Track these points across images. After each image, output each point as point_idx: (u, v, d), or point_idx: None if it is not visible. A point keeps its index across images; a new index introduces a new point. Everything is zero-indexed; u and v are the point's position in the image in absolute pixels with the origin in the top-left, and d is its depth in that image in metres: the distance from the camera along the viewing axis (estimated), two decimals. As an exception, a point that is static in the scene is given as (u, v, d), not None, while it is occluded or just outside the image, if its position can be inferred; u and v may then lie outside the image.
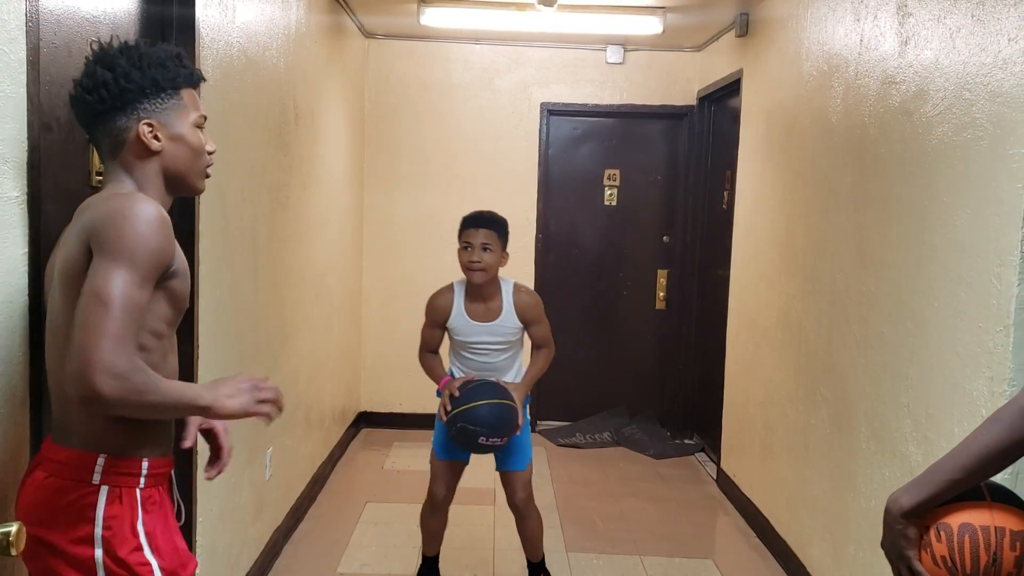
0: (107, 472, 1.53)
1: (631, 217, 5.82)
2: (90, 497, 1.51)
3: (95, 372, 1.35)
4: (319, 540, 3.92)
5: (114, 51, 1.60)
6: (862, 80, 3.06)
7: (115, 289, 1.41)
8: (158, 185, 1.63)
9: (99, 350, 1.36)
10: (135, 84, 1.58)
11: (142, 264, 1.45)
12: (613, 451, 5.45)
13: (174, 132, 1.63)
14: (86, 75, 1.58)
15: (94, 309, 1.40)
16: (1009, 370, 2.16)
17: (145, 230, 1.47)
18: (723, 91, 5.08)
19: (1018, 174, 2.12)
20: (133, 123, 1.59)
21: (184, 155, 1.65)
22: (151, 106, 1.60)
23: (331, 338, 4.77)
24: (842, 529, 3.14)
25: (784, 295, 3.84)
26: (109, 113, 1.58)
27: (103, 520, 1.51)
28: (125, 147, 1.60)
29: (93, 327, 1.38)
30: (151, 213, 1.49)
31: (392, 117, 5.62)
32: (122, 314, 1.40)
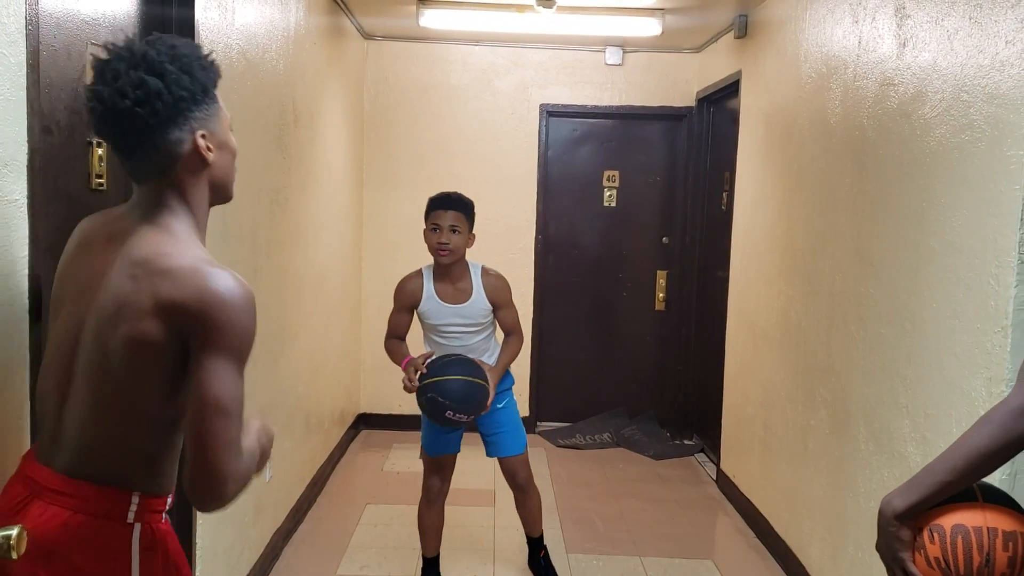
0: (141, 510, 1.47)
1: (630, 218, 5.82)
2: (126, 537, 1.45)
3: (226, 484, 1.38)
4: (319, 542, 3.92)
5: (154, 53, 1.41)
6: (860, 82, 3.07)
7: (233, 397, 1.37)
8: (205, 201, 1.53)
9: (227, 464, 1.37)
10: (188, 91, 1.42)
11: (246, 356, 1.41)
12: (613, 452, 5.46)
13: (220, 139, 1.51)
14: (132, 85, 1.38)
15: (219, 421, 1.35)
16: (1007, 371, 2.16)
17: (250, 324, 1.41)
18: (722, 92, 5.09)
19: (1016, 175, 2.13)
20: (187, 135, 1.44)
21: (228, 162, 1.55)
22: (201, 114, 1.46)
23: (331, 340, 4.77)
24: (841, 529, 3.15)
25: (783, 296, 3.85)
26: (161, 127, 1.41)
27: (139, 557, 1.46)
28: (178, 163, 1.45)
29: (219, 439, 1.35)
30: (250, 300, 1.42)
31: (391, 118, 5.62)
32: (238, 420, 1.39)
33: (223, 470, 1.36)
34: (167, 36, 1.47)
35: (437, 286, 3.28)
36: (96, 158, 2.11)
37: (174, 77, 1.40)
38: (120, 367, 1.40)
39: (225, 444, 1.36)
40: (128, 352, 1.39)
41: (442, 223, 3.21)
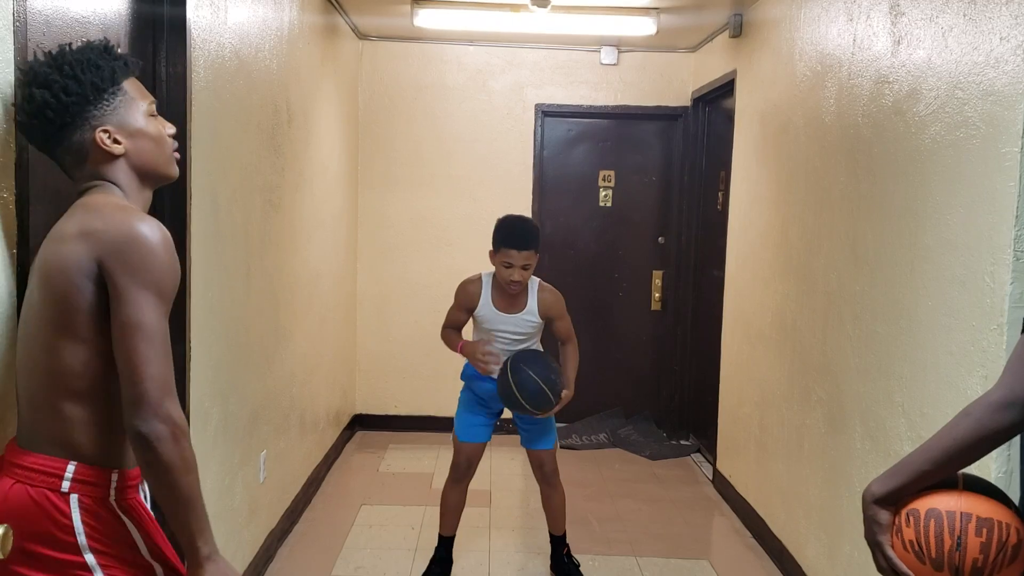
0: (76, 480, 1.50)
1: (626, 218, 5.81)
2: (62, 505, 1.48)
3: (157, 417, 1.42)
4: (314, 543, 3.91)
5: (43, 66, 1.53)
6: (855, 80, 3.06)
7: (155, 323, 1.45)
8: (134, 184, 1.61)
9: (159, 393, 1.43)
10: (76, 95, 1.52)
11: (168, 295, 1.49)
12: (609, 452, 5.45)
13: (132, 128, 1.59)
14: (25, 100, 1.53)
15: (143, 343, 1.43)
16: (1002, 368, 2.15)
17: (168, 259, 1.49)
18: (717, 92, 5.08)
19: (1010, 172, 2.12)
20: (88, 133, 1.55)
21: (148, 148, 1.62)
22: (99, 111, 1.55)
23: (326, 340, 4.76)
24: (837, 529, 3.14)
25: (778, 295, 3.84)
26: (61, 132, 1.54)
27: (84, 528, 1.48)
28: (89, 158, 1.57)
29: (143, 359, 1.43)
30: (167, 239, 1.50)
31: (386, 118, 5.61)
32: (164, 352, 1.45)
33: (150, 392, 1.42)
34: (68, 45, 1.57)
35: (495, 296, 3.41)
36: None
37: (59, 85, 1.51)
38: (42, 305, 1.49)
39: (149, 365, 1.42)
40: (47, 283, 1.48)
41: (515, 262, 3.28)
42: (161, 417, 1.43)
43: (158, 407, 1.43)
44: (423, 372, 5.72)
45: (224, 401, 2.98)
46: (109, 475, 1.54)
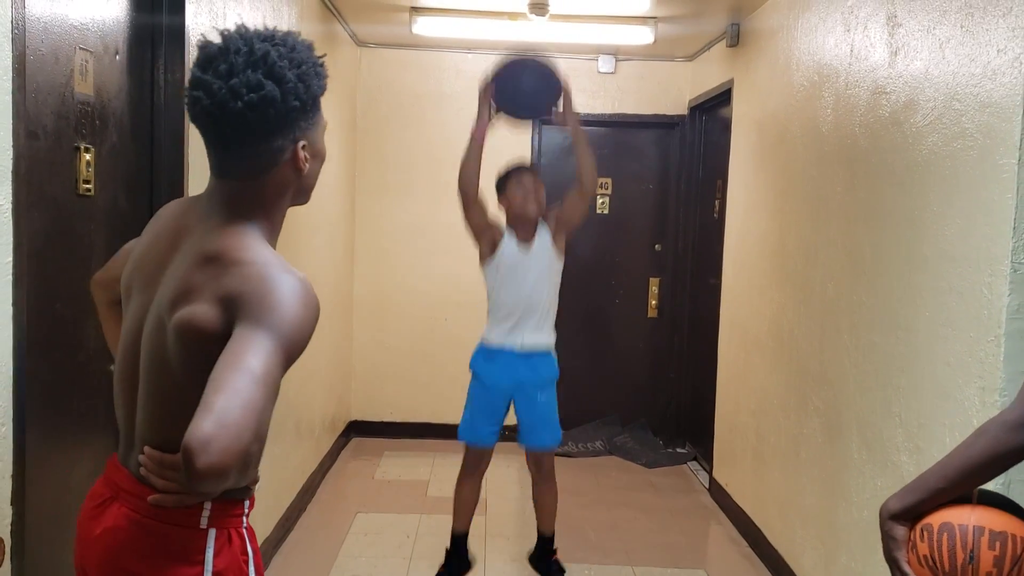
0: (215, 515, 1.41)
1: (623, 225, 5.82)
2: (198, 542, 1.40)
3: (231, 450, 1.12)
4: (309, 551, 3.89)
5: (276, 55, 1.32)
6: (852, 90, 3.07)
7: (269, 370, 1.20)
8: (285, 205, 1.46)
9: (241, 426, 1.13)
10: (301, 102, 1.35)
11: (292, 348, 1.27)
12: (605, 460, 5.44)
13: (317, 148, 1.45)
14: (247, 87, 1.29)
15: (238, 374, 1.17)
16: (1000, 380, 2.16)
17: (304, 309, 1.30)
18: (714, 101, 5.09)
19: (1008, 184, 2.13)
20: (290, 144, 1.37)
21: (317, 172, 1.49)
22: (306, 123, 1.39)
23: (321, 346, 4.75)
24: (834, 538, 3.13)
25: (775, 304, 3.84)
26: (267, 134, 1.34)
27: (212, 564, 1.40)
28: (273, 170, 1.38)
29: (235, 394, 1.15)
30: (312, 293, 1.33)
31: (384, 125, 5.61)
32: (265, 395, 1.18)
33: (238, 433, 1.12)
34: (285, 34, 1.40)
35: (516, 233, 3.48)
36: (83, 163, 2.09)
37: (291, 86, 1.33)
38: (176, 358, 1.33)
39: (251, 410, 1.15)
40: (181, 339, 1.31)
41: (526, 181, 3.41)
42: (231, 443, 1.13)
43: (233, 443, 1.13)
44: (419, 379, 5.71)
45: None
46: (243, 505, 1.49)
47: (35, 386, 1.82)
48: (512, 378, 3.50)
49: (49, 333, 1.92)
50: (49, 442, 1.93)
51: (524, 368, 3.50)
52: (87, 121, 2.12)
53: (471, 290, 5.62)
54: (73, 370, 2.07)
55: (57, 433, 1.98)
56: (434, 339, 5.70)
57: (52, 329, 1.94)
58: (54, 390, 1.97)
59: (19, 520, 1.75)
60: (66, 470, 2.06)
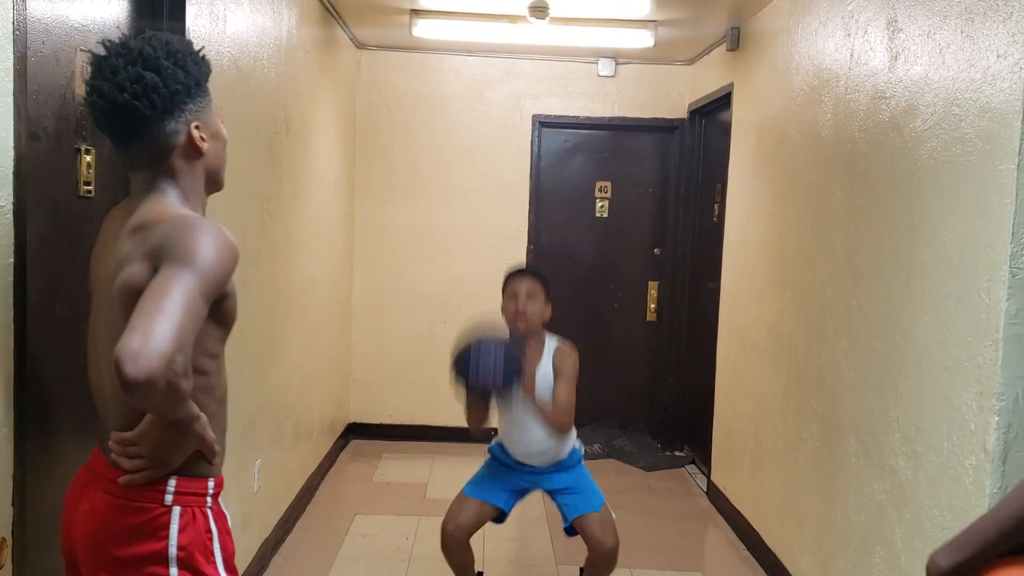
0: (179, 493, 1.51)
1: (622, 229, 5.82)
2: (163, 518, 1.49)
3: (155, 357, 1.24)
4: (308, 552, 3.89)
5: (150, 49, 1.48)
6: (852, 95, 3.07)
7: (188, 294, 1.33)
8: (200, 188, 1.60)
9: (164, 336, 1.26)
10: (182, 85, 1.51)
11: (210, 279, 1.38)
12: (603, 463, 5.44)
13: (212, 129, 1.60)
14: (129, 79, 1.46)
15: (160, 298, 1.30)
16: (998, 385, 2.16)
17: (218, 249, 1.42)
18: (714, 105, 5.10)
19: (1007, 189, 2.13)
20: (182, 127, 1.53)
21: (220, 152, 1.63)
22: (195, 106, 1.55)
23: (320, 349, 4.75)
24: (831, 543, 3.14)
25: (774, 308, 3.84)
26: (158, 119, 1.50)
27: (177, 539, 1.49)
28: (174, 153, 1.54)
29: (158, 313, 1.28)
30: (222, 233, 1.45)
31: (384, 128, 5.62)
32: (185, 313, 1.31)
33: (158, 341, 1.25)
34: (160, 33, 1.55)
35: None
36: (84, 165, 2.09)
37: (170, 72, 1.48)
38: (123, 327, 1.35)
39: (167, 320, 1.27)
40: (123, 305, 1.41)
41: (519, 290, 3.13)
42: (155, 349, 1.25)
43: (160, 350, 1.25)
44: (418, 381, 5.71)
45: (219, 410, 2.96)
46: (207, 484, 1.56)
47: (35, 387, 1.82)
48: (533, 474, 3.19)
49: (49, 335, 1.92)
50: (49, 444, 1.93)
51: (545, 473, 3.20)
52: (88, 123, 2.12)
53: (470, 293, 5.64)
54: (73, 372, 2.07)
55: (57, 435, 1.98)
56: (433, 342, 5.70)
57: (52, 331, 1.94)
58: (54, 392, 1.97)
59: (19, 521, 1.75)
60: (66, 471, 2.06)
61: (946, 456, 2.38)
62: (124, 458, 1.48)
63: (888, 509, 2.71)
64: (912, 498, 2.55)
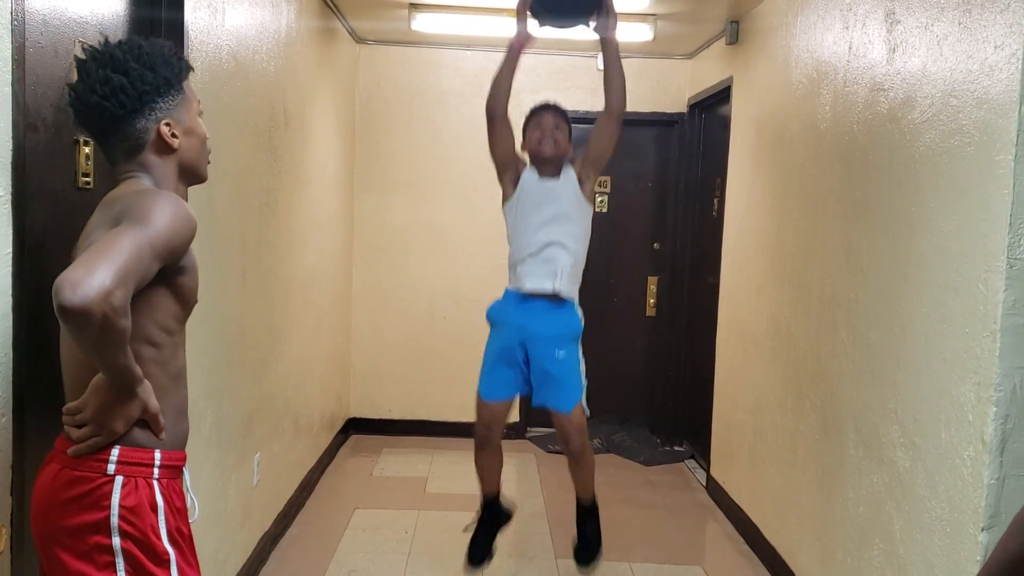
0: (121, 462, 1.54)
1: (621, 224, 5.82)
2: (105, 487, 1.52)
3: (93, 287, 1.33)
4: (307, 546, 3.90)
5: (120, 53, 1.60)
6: (851, 87, 3.07)
7: (130, 238, 1.42)
8: (174, 180, 1.68)
9: (105, 270, 1.35)
10: (150, 85, 1.60)
11: (160, 236, 1.47)
12: (603, 458, 5.44)
13: (186, 126, 1.68)
14: (99, 81, 1.57)
15: (108, 242, 1.40)
16: (996, 375, 2.16)
17: (172, 214, 1.51)
18: (713, 99, 5.10)
19: (1004, 180, 2.13)
20: (152, 124, 1.63)
21: (196, 147, 1.71)
22: (165, 104, 1.64)
23: (320, 344, 4.76)
24: (830, 535, 3.14)
25: (773, 301, 3.85)
26: (127, 118, 1.60)
27: (119, 509, 1.51)
28: (144, 149, 1.64)
29: (103, 252, 1.38)
30: (180, 203, 1.55)
31: (383, 122, 5.62)
32: (129, 256, 1.40)
33: (98, 273, 1.34)
34: (138, 37, 1.66)
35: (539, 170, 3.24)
36: (83, 156, 2.10)
37: (137, 73, 1.58)
38: None
39: (109, 259, 1.37)
40: None
41: (545, 121, 3.18)
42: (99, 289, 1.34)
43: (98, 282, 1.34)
44: (417, 376, 5.72)
45: (218, 403, 2.97)
46: (152, 454, 1.58)
47: (34, 377, 1.82)
48: (526, 322, 3.15)
49: (48, 326, 1.92)
50: (48, 433, 1.93)
51: (539, 315, 3.15)
52: (84, 116, 2.12)
53: (470, 288, 5.64)
54: (72, 363, 2.08)
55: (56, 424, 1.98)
56: (432, 337, 5.70)
57: (51, 322, 1.94)
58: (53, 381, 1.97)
59: (18, 510, 1.76)
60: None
61: (944, 447, 2.38)
62: (73, 428, 1.54)
63: (886, 501, 2.71)
64: (910, 489, 2.56)
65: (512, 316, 3.19)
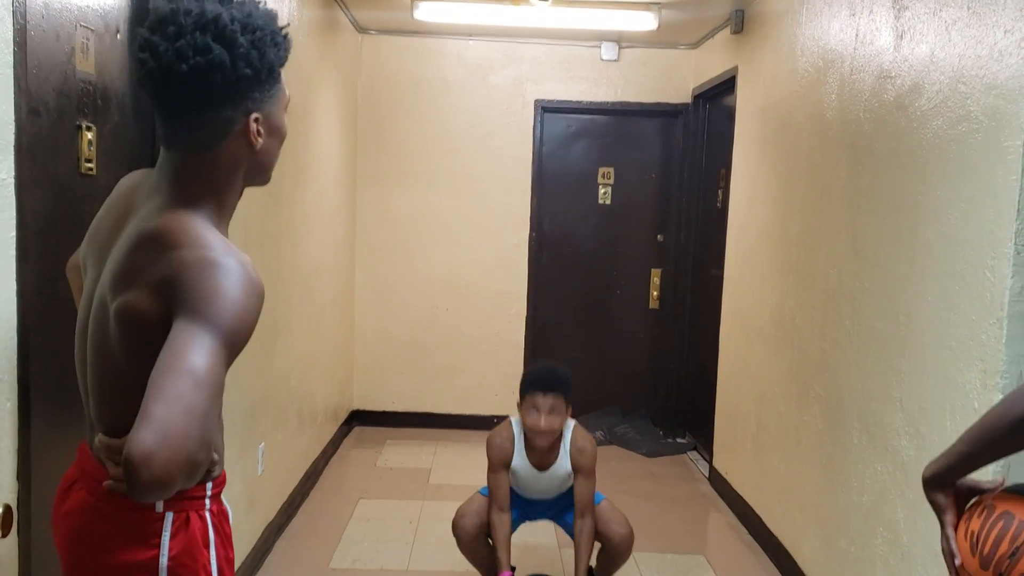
0: (172, 498, 1.31)
1: (625, 215, 5.81)
2: (155, 524, 1.34)
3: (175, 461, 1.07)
4: (312, 536, 3.90)
5: (227, 18, 1.25)
6: (857, 75, 3.06)
7: (212, 368, 1.15)
8: (239, 184, 1.39)
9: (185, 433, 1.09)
10: (253, 70, 1.28)
11: (236, 340, 1.20)
12: (606, 450, 5.44)
13: (274, 123, 1.37)
14: (195, 49, 1.23)
15: (178, 376, 1.12)
16: (1002, 362, 2.15)
17: (245, 298, 1.22)
18: (718, 88, 5.08)
19: (1012, 166, 2.12)
20: (240, 116, 1.31)
21: (276, 148, 1.41)
22: (261, 95, 1.32)
23: (323, 335, 4.75)
24: (833, 524, 3.14)
25: (778, 292, 3.84)
26: (215, 103, 1.28)
27: (168, 548, 1.34)
28: (222, 143, 1.31)
29: (177, 398, 1.10)
30: (252, 278, 1.25)
31: (385, 113, 5.60)
32: (208, 395, 1.13)
33: (179, 436, 1.08)
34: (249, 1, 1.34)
35: (527, 449, 3.18)
36: (85, 143, 2.09)
37: (243, 51, 1.26)
38: (117, 344, 1.28)
39: (190, 410, 1.10)
40: (121, 326, 1.27)
41: (541, 407, 3.08)
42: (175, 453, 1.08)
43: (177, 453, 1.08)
44: (421, 368, 5.71)
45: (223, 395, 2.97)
46: (204, 486, 1.41)
47: (39, 362, 1.82)
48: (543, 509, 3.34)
49: (52, 311, 1.92)
50: (54, 418, 1.93)
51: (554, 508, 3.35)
52: (89, 100, 2.11)
53: (473, 280, 5.64)
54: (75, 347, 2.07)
55: (61, 408, 1.97)
56: (436, 329, 5.70)
57: (55, 307, 1.94)
58: (57, 366, 1.97)
59: (25, 493, 1.76)
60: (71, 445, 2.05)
61: (949, 435, 2.37)
62: (111, 464, 1.31)
63: (890, 489, 2.70)
64: (914, 478, 2.55)
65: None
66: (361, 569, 3.59)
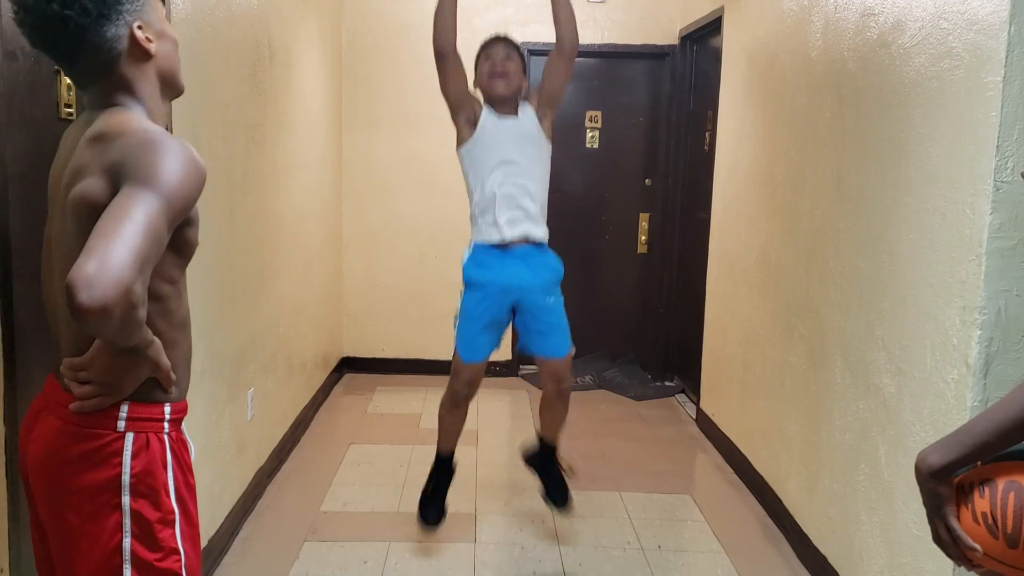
0: (131, 419, 1.43)
1: (613, 160, 5.79)
2: (115, 444, 1.42)
3: (111, 283, 1.19)
4: (302, 480, 3.95)
5: None
6: (841, 13, 3.04)
7: (151, 217, 1.27)
8: (157, 94, 1.50)
9: (122, 262, 1.20)
10: None
11: (174, 203, 1.32)
12: (595, 394, 5.50)
13: (157, 29, 1.48)
14: None
15: (119, 221, 1.24)
16: (980, 299, 2.18)
17: (184, 170, 1.35)
18: (705, 30, 5.03)
19: (993, 103, 2.12)
20: (123, 30, 1.42)
21: (172, 51, 1.52)
22: (132, 6, 1.43)
23: (311, 282, 4.76)
24: (817, 463, 3.20)
25: (763, 234, 3.85)
26: (94, 27, 1.38)
27: (130, 467, 1.42)
28: (121, 59, 1.43)
29: (117, 236, 1.22)
30: (188, 150, 1.38)
31: (370, 57, 5.54)
32: (146, 239, 1.25)
33: (114, 266, 1.19)
34: None
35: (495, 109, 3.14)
36: (64, 87, 2.07)
37: None
38: (76, 241, 1.33)
39: (125, 245, 1.22)
40: (77, 217, 1.35)
41: (496, 53, 3.05)
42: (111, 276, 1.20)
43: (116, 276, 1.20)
44: (410, 315, 5.74)
45: (209, 338, 2.99)
46: (162, 409, 1.49)
47: (22, 307, 1.83)
48: (513, 279, 3.11)
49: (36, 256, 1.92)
50: (39, 362, 1.94)
51: (524, 267, 3.12)
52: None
53: (461, 227, 5.62)
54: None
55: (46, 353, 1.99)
56: (424, 276, 5.71)
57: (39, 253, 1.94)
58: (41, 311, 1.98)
59: (12, 435, 1.78)
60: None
61: (929, 372, 2.41)
62: (74, 384, 1.42)
63: (872, 427, 2.75)
64: (895, 415, 2.59)
65: (497, 274, 3.11)
66: (352, 512, 3.65)
